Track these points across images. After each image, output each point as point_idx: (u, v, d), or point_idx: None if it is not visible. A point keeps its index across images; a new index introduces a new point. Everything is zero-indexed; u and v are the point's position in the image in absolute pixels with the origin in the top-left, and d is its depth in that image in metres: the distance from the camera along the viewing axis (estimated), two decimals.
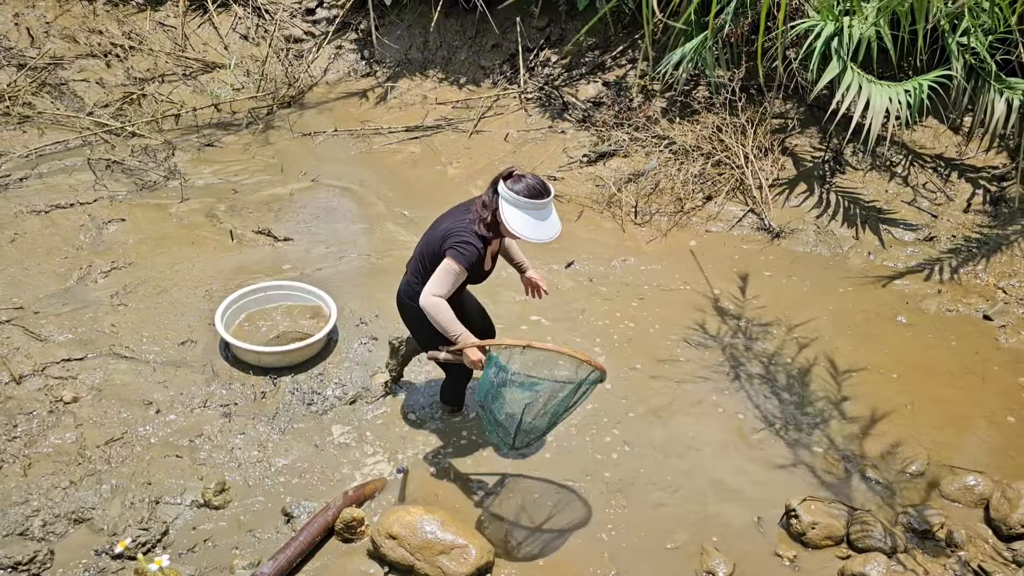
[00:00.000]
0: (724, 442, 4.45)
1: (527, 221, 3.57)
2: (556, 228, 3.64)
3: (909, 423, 4.58)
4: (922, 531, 3.93)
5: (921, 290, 5.67)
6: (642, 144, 6.79)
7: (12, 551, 3.57)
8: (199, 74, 7.81)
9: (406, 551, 3.60)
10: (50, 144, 6.67)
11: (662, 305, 5.44)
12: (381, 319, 5.13)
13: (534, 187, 3.56)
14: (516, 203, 3.55)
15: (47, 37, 7.59)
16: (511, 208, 3.56)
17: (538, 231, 3.58)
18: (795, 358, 5.05)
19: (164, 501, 3.91)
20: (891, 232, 6.12)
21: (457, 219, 3.73)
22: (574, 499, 4.08)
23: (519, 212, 3.56)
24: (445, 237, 3.68)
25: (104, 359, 4.67)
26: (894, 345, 5.18)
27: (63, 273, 5.31)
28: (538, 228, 3.58)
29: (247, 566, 3.63)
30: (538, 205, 3.55)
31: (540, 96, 7.58)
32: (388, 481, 4.12)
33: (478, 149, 7.15)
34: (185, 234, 5.83)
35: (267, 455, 4.21)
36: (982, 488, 4.13)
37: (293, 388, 4.61)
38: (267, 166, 6.81)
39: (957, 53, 5.88)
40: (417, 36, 8.19)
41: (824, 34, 5.82)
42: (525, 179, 3.58)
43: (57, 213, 5.86)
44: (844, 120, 6.06)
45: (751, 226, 6.27)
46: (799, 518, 3.88)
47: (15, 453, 4.06)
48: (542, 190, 3.57)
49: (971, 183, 6.32)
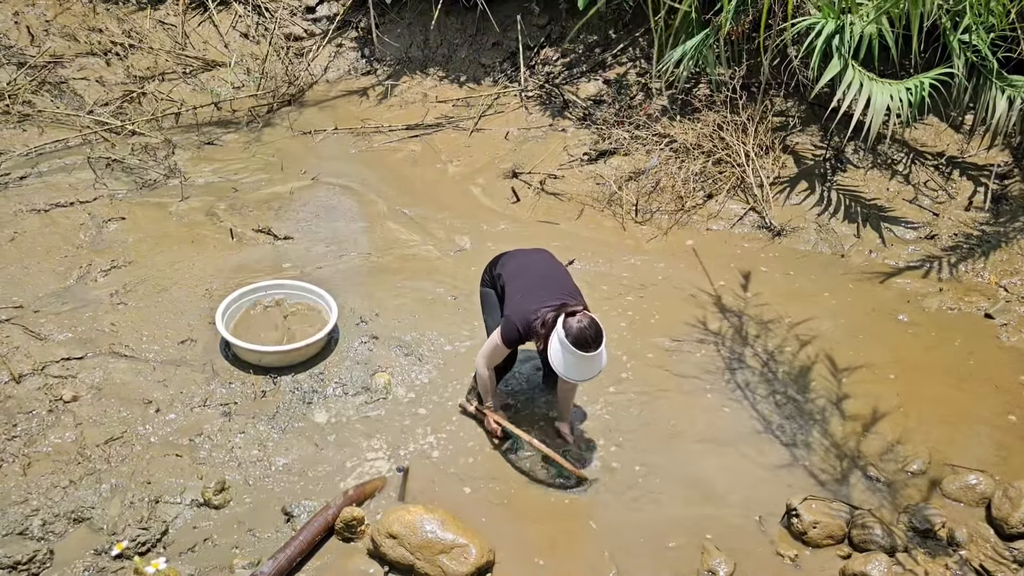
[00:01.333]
0: (725, 441, 4.44)
1: (568, 362, 3.71)
2: (596, 371, 3.76)
3: (910, 422, 4.57)
4: (923, 530, 3.92)
5: (922, 288, 5.66)
6: (643, 142, 6.78)
7: (12, 550, 3.56)
8: (199, 72, 7.80)
9: (406, 550, 3.59)
10: (50, 142, 6.67)
11: (662, 303, 5.43)
12: (381, 318, 5.12)
13: (584, 339, 3.65)
14: (564, 346, 3.67)
15: (47, 35, 7.58)
16: (558, 346, 3.70)
17: (577, 372, 3.75)
18: (796, 356, 5.04)
19: (164, 500, 3.91)
20: (892, 230, 6.11)
21: (541, 301, 3.88)
22: (574, 498, 4.08)
23: (564, 353, 3.68)
24: (514, 309, 3.94)
25: (104, 358, 4.66)
26: (895, 343, 5.17)
27: (63, 272, 5.30)
28: (578, 369, 3.73)
29: (247, 565, 3.62)
30: (582, 357, 3.67)
31: (541, 94, 7.57)
32: (388, 480, 4.11)
33: (478, 147, 7.14)
34: (185, 233, 5.83)
35: (267, 454, 4.20)
36: (983, 487, 4.12)
37: (293, 387, 4.60)
38: (267, 164, 6.80)
39: (959, 51, 5.86)
40: (417, 34, 8.18)
41: (825, 32, 5.80)
42: (582, 327, 3.66)
43: (57, 212, 5.85)
44: (845, 118, 6.04)
45: (752, 224, 6.26)
46: (800, 517, 3.87)
47: (15, 452, 4.05)
48: (591, 342, 3.66)
49: (972, 181, 6.31)
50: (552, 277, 4.08)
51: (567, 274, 4.17)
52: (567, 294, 3.95)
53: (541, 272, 4.11)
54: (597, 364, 3.74)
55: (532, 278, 4.06)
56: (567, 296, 3.93)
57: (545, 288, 3.98)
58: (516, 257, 4.24)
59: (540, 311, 3.83)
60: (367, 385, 4.65)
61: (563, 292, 3.96)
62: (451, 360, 4.86)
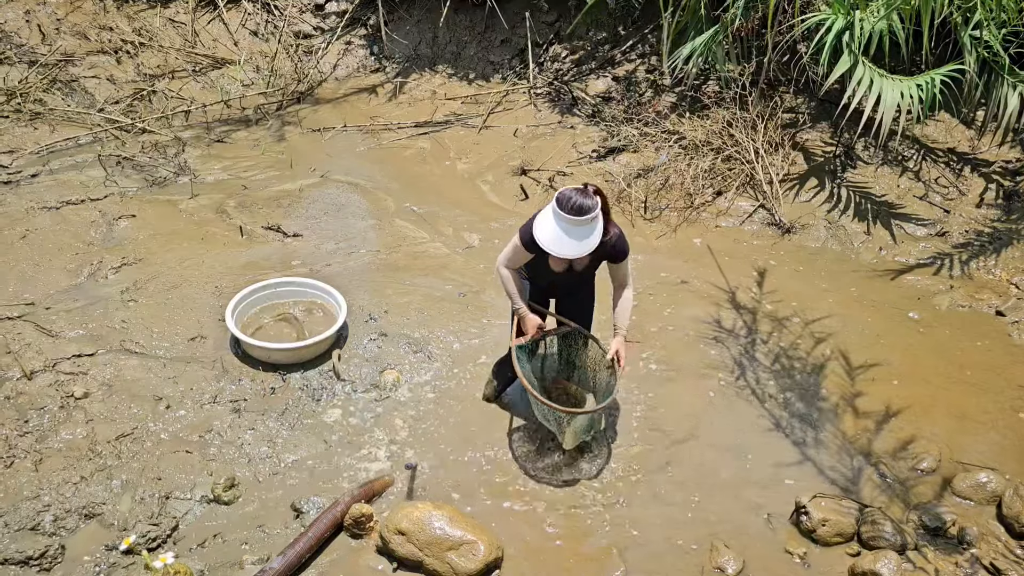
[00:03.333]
0: (734, 438, 4.43)
1: (552, 230, 3.53)
2: (579, 248, 3.53)
3: (920, 419, 4.55)
4: (933, 528, 3.90)
5: (933, 286, 5.63)
6: (652, 139, 6.76)
7: (23, 546, 3.59)
8: (209, 70, 7.82)
9: (415, 547, 3.60)
10: (61, 140, 6.70)
11: (672, 300, 5.42)
12: (390, 315, 5.13)
13: (567, 199, 3.48)
14: (552, 211, 3.53)
15: (58, 34, 7.61)
16: (548, 213, 3.56)
17: (557, 245, 3.54)
18: (806, 354, 5.02)
19: (174, 496, 3.93)
20: (903, 227, 6.08)
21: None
22: (583, 495, 4.07)
23: (551, 219, 3.54)
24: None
25: (114, 355, 4.69)
26: (905, 341, 5.15)
27: (74, 269, 5.33)
28: (560, 242, 3.53)
29: (256, 561, 3.64)
30: (567, 224, 3.49)
31: (549, 91, 7.56)
32: (397, 477, 4.12)
33: (487, 144, 7.14)
34: (195, 230, 5.85)
35: (276, 451, 4.22)
36: (995, 485, 4.10)
37: (303, 384, 4.62)
38: (276, 162, 6.82)
39: (970, 47, 5.82)
40: (426, 31, 8.18)
41: (835, 28, 5.77)
42: (571, 191, 3.51)
43: (68, 209, 5.88)
44: (855, 115, 6.01)
45: (761, 221, 6.24)
46: (809, 515, 3.87)
47: (26, 448, 4.08)
48: (575, 206, 3.46)
49: (984, 178, 6.27)
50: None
51: None
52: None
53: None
54: (581, 237, 3.50)
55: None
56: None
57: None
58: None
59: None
60: (376, 382, 4.66)
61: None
62: (459, 357, 4.86)
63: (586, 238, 3.53)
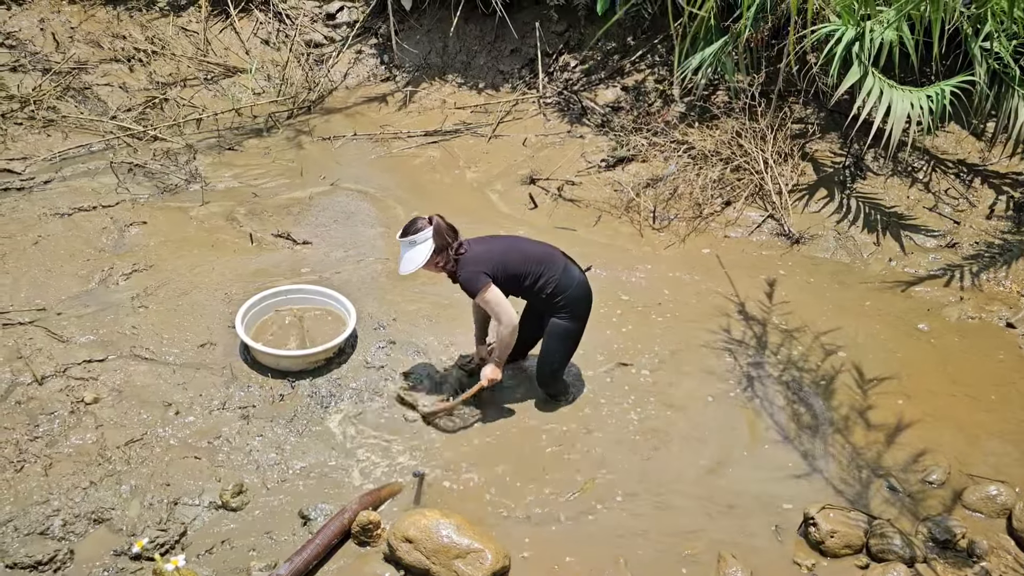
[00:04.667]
0: (742, 448, 4.42)
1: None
2: (402, 265, 4.05)
3: (930, 431, 4.53)
4: (943, 541, 3.88)
5: (943, 297, 5.61)
6: (661, 149, 6.77)
7: (33, 550, 3.61)
8: (220, 79, 7.88)
9: (422, 555, 3.60)
10: (74, 147, 6.75)
11: (680, 310, 5.42)
12: (399, 323, 5.15)
13: (406, 223, 4.07)
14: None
15: (72, 42, 7.68)
16: None
17: (399, 263, 4.11)
18: (815, 365, 5.01)
19: (182, 502, 3.94)
20: (912, 238, 6.07)
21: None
22: (591, 505, 4.07)
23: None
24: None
25: (125, 360, 4.71)
26: (915, 352, 5.13)
27: (85, 275, 5.37)
28: (400, 259, 4.11)
29: (264, 568, 3.65)
30: (400, 240, 4.06)
31: (559, 101, 7.58)
32: (404, 485, 4.12)
33: (497, 153, 7.16)
34: (205, 237, 5.88)
35: (284, 457, 4.23)
36: (1004, 498, 4.07)
37: (311, 391, 4.63)
38: (287, 170, 6.85)
39: (980, 58, 5.82)
40: (437, 41, 8.22)
41: (845, 38, 5.78)
42: (416, 218, 4.08)
43: (80, 216, 5.92)
44: (865, 125, 6.01)
45: (770, 232, 6.23)
46: (817, 526, 3.85)
47: (37, 453, 4.10)
48: (404, 230, 4.05)
49: (994, 189, 6.25)
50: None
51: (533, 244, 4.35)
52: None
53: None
54: (405, 255, 4.04)
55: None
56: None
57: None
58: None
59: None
60: (383, 390, 4.66)
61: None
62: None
63: (408, 256, 4.04)
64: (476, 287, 4.01)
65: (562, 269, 4.17)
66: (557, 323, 4.24)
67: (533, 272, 4.12)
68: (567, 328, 4.25)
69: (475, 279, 4.01)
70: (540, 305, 4.27)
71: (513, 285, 4.15)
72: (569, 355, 4.42)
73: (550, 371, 4.44)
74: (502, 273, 4.07)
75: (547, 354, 4.37)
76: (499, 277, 4.06)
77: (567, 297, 4.17)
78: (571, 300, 4.18)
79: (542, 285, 4.12)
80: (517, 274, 4.11)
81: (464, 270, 4.04)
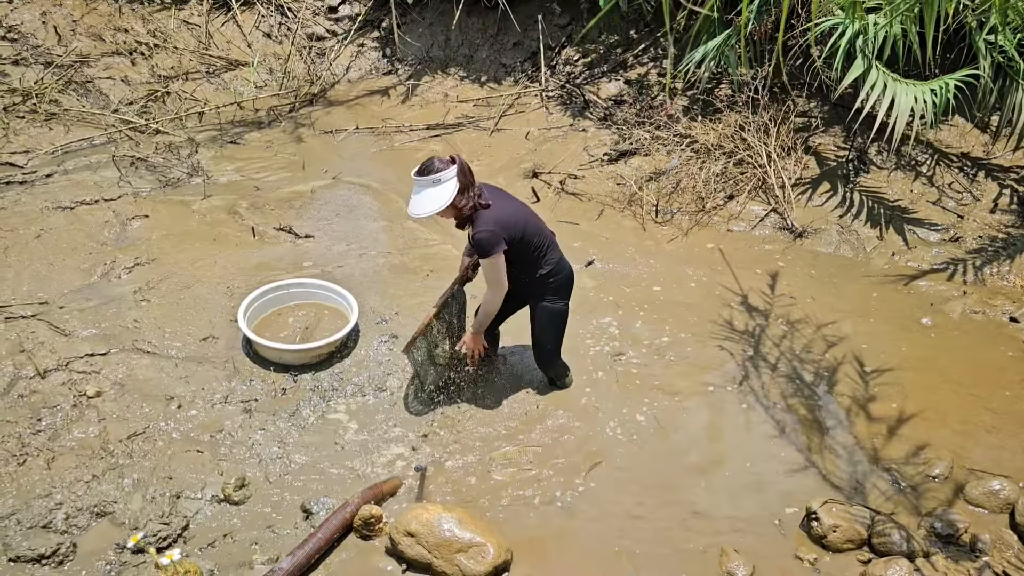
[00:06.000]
0: (744, 442, 4.42)
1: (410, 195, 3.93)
2: (415, 207, 3.86)
3: (932, 426, 4.53)
4: (946, 535, 3.88)
5: (946, 291, 5.60)
6: (664, 143, 6.75)
7: (36, 543, 3.62)
8: (222, 72, 7.86)
9: (424, 549, 3.60)
10: (76, 141, 6.75)
11: (683, 304, 5.41)
12: (401, 316, 5.14)
13: (423, 162, 3.87)
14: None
15: (73, 35, 7.67)
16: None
17: (409, 205, 3.91)
18: (818, 358, 5.00)
19: (185, 496, 3.94)
20: (916, 232, 6.05)
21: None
22: (593, 498, 4.07)
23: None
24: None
25: (127, 354, 4.72)
26: (918, 347, 5.12)
27: (87, 269, 5.37)
28: (410, 201, 3.91)
29: (266, 561, 3.65)
30: (415, 180, 3.85)
31: (561, 94, 7.57)
32: (406, 479, 4.12)
33: (499, 147, 7.15)
34: (207, 231, 5.88)
35: (287, 451, 4.23)
36: (1007, 493, 4.07)
37: (313, 385, 4.63)
38: (289, 163, 6.85)
39: (985, 51, 5.79)
40: (439, 34, 8.20)
41: (848, 32, 5.76)
42: (433, 158, 3.88)
43: (82, 209, 5.92)
44: (868, 119, 5.99)
45: (773, 225, 6.22)
46: (820, 521, 3.85)
47: (39, 447, 4.11)
48: (423, 168, 3.84)
49: (998, 183, 6.23)
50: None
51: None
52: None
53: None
54: (421, 196, 3.83)
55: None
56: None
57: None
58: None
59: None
60: (386, 384, 4.66)
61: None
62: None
63: (426, 197, 3.81)
64: (491, 251, 3.86)
65: (560, 253, 4.23)
66: (546, 306, 4.27)
67: (542, 247, 4.09)
68: (558, 310, 4.30)
69: (494, 243, 3.86)
70: (526, 286, 4.20)
71: (521, 253, 4.03)
72: (561, 334, 4.45)
73: (548, 352, 4.49)
74: (519, 238, 3.96)
75: (542, 337, 4.41)
76: (514, 242, 3.94)
77: (559, 280, 4.21)
78: (562, 283, 4.23)
79: (544, 262, 4.12)
80: (531, 244, 4.03)
81: (485, 228, 3.85)
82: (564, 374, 4.68)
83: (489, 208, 3.90)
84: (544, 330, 4.37)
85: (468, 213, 3.88)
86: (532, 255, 4.06)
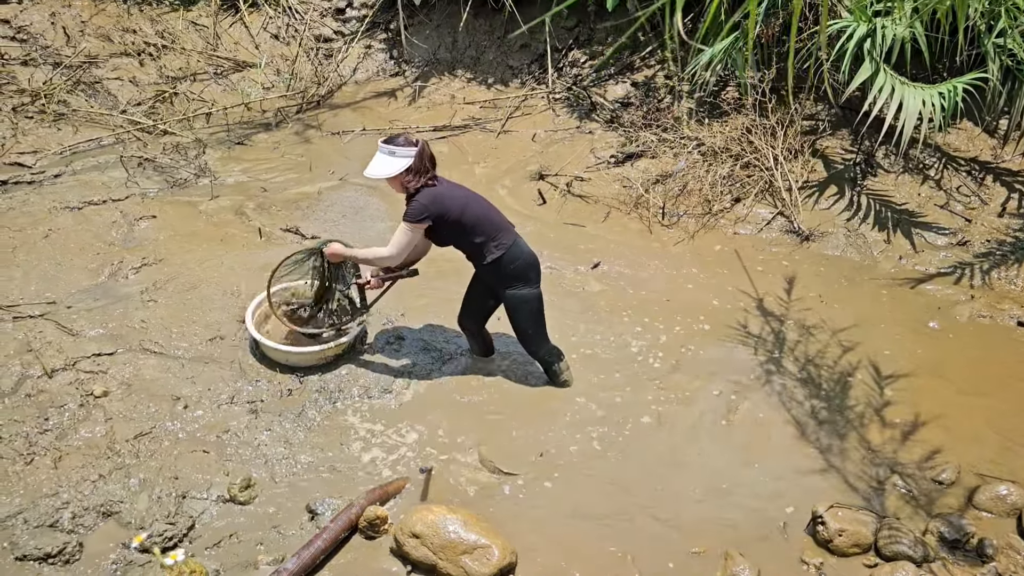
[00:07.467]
0: (750, 446, 4.41)
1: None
2: (370, 169, 4.20)
3: (939, 430, 4.51)
4: (952, 540, 3.86)
5: (953, 295, 5.58)
6: (670, 145, 6.75)
7: (42, 542, 3.62)
8: (230, 73, 7.89)
9: (429, 550, 3.60)
10: (84, 141, 6.78)
11: (689, 307, 5.40)
12: (407, 318, 5.15)
13: (391, 134, 4.26)
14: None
15: (82, 36, 7.70)
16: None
17: (367, 167, 4.24)
18: (824, 362, 4.99)
19: (190, 496, 3.95)
20: (923, 236, 6.04)
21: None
22: (597, 501, 4.06)
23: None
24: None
25: (134, 354, 4.73)
26: (925, 351, 5.11)
27: (95, 269, 5.38)
28: (369, 163, 4.24)
29: (271, 562, 3.65)
30: (379, 147, 4.21)
31: (568, 96, 7.57)
32: (411, 480, 4.12)
33: (505, 149, 7.15)
34: (214, 231, 5.89)
35: (292, 452, 4.23)
36: (1015, 498, 4.05)
37: (319, 386, 4.63)
38: (296, 164, 6.86)
39: (993, 54, 5.78)
40: (446, 36, 8.21)
41: (856, 35, 5.75)
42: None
43: (90, 209, 5.94)
44: (876, 122, 5.98)
45: (780, 228, 6.21)
46: (826, 525, 3.83)
47: (46, 446, 4.12)
48: (387, 139, 4.21)
49: (1006, 187, 6.21)
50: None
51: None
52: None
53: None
54: (377, 161, 4.18)
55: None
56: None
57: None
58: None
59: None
60: (392, 386, 4.67)
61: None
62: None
63: (380, 162, 4.18)
64: (415, 218, 4.18)
65: (513, 240, 4.35)
66: (514, 293, 4.40)
67: (487, 233, 4.28)
68: (523, 295, 4.41)
69: (422, 212, 4.17)
70: (488, 275, 4.40)
71: (459, 236, 4.31)
72: (538, 317, 4.52)
73: (530, 337, 4.57)
74: (451, 220, 4.22)
75: (519, 323, 4.53)
76: (444, 222, 4.21)
77: (519, 265, 4.33)
78: (520, 268, 4.35)
79: (490, 249, 4.28)
80: (470, 227, 4.25)
81: (422, 198, 4.19)
82: (558, 357, 4.68)
83: (433, 187, 4.23)
84: (518, 315, 4.49)
85: (412, 191, 4.23)
86: (473, 240, 4.29)
